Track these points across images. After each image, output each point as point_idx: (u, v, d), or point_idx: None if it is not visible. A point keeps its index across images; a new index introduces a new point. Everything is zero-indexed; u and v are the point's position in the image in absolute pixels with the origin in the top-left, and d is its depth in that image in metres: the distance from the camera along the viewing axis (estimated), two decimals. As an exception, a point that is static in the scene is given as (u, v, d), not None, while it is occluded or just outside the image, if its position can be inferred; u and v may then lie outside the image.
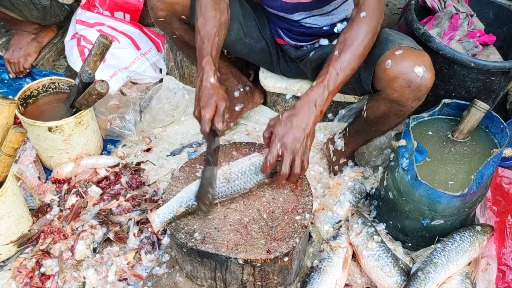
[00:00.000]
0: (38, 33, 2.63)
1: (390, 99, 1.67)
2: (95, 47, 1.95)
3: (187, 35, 2.00)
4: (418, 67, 1.58)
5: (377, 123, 1.84)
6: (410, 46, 1.67)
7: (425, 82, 1.60)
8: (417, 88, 1.61)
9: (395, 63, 1.60)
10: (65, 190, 2.05)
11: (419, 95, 1.64)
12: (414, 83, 1.59)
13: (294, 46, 2.00)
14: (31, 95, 2.11)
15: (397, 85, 1.62)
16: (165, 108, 2.38)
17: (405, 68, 1.59)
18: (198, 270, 1.58)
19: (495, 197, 1.97)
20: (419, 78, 1.58)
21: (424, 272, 1.69)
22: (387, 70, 1.61)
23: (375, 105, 1.77)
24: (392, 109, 1.73)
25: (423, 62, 1.59)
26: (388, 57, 1.61)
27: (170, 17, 1.93)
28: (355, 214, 1.88)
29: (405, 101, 1.66)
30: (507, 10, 2.14)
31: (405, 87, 1.61)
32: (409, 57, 1.60)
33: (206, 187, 1.54)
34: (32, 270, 1.76)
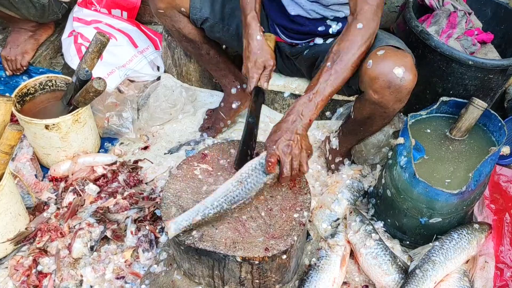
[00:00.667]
0: (35, 31, 2.62)
1: (372, 101, 1.66)
2: (92, 44, 1.95)
3: (186, 28, 2.00)
4: (398, 68, 1.56)
5: (364, 123, 1.84)
6: (395, 46, 1.64)
7: (405, 84, 1.57)
8: (397, 90, 1.58)
9: (376, 63, 1.58)
10: (62, 188, 2.04)
11: (399, 97, 1.62)
12: (393, 84, 1.57)
13: (290, 44, 2.00)
14: (28, 93, 2.10)
15: (377, 86, 1.60)
16: (163, 106, 2.37)
17: (385, 68, 1.57)
18: (196, 268, 1.58)
19: (493, 195, 1.97)
20: (399, 79, 1.56)
21: (422, 270, 1.69)
22: (368, 70, 1.59)
23: (360, 106, 1.77)
24: (375, 111, 1.72)
25: (404, 63, 1.57)
26: (369, 58, 1.60)
27: (170, 9, 1.93)
28: (353, 212, 1.88)
29: (386, 102, 1.64)
30: (505, 8, 2.15)
31: (385, 88, 1.59)
32: (389, 58, 1.57)
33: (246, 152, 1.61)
34: (29, 268, 1.76)
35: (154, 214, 1.91)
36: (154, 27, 2.88)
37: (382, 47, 1.62)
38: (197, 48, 2.12)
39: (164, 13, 1.97)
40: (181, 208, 1.58)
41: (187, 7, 1.92)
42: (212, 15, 1.95)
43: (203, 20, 1.96)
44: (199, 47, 2.11)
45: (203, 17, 1.95)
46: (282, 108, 2.40)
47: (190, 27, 2.01)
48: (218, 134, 2.33)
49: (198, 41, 2.08)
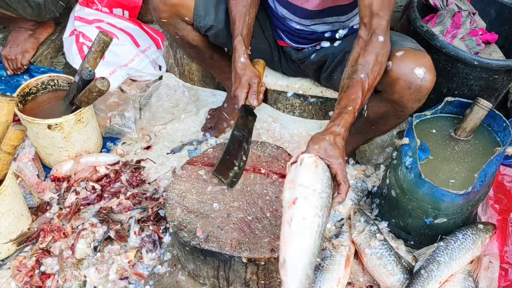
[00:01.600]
0: (35, 30, 2.60)
1: (391, 100, 1.66)
2: (95, 43, 1.93)
3: (190, 35, 1.99)
4: (418, 68, 1.57)
5: (377, 123, 1.84)
6: (411, 47, 1.66)
7: (426, 84, 1.59)
8: (418, 90, 1.60)
9: (396, 64, 1.59)
10: (64, 188, 2.03)
11: (419, 97, 1.63)
12: (414, 84, 1.58)
13: (296, 48, 1.99)
14: (30, 92, 2.08)
15: (397, 87, 1.61)
16: (165, 105, 2.36)
17: (406, 69, 1.58)
18: (201, 269, 1.57)
19: (497, 195, 1.97)
20: (420, 79, 1.57)
21: (427, 270, 1.69)
22: (388, 71, 1.59)
23: (375, 105, 1.76)
24: (392, 110, 1.72)
25: (424, 63, 1.58)
26: (389, 58, 1.59)
27: (173, 18, 1.92)
28: (357, 212, 1.88)
29: (405, 102, 1.65)
30: (509, 9, 2.14)
31: (405, 88, 1.60)
32: (409, 58, 1.58)
33: (229, 161, 1.62)
34: (32, 269, 1.74)
35: (157, 214, 1.90)
36: (156, 26, 2.87)
37: (400, 48, 1.62)
38: (201, 53, 2.11)
39: (168, 22, 1.95)
40: (186, 209, 1.57)
41: (190, 16, 1.91)
42: (217, 23, 1.93)
43: (207, 28, 1.95)
44: (202, 52, 2.10)
45: (208, 25, 1.94)
46: (285, 108, 2.39)
47: (194, 34, 2.00)
48: (221, 134, 2.32)
49: (201, 47, 2.06)
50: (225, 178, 1.62)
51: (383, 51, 1.50)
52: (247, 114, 1.71)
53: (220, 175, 1.62)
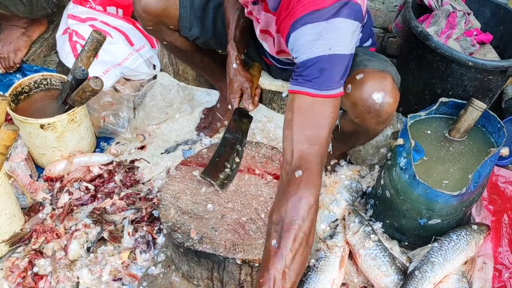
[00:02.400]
0: (28, 27, 2.58)
1: (354, 122, 1.64)
2: (88, 42, 1.92)
3: (178, 41, 1.97)
4: (377, 93, 1.50)
5: (351, 136, 1.83)
6: (375, 67, 1.58)
7: (385, 108, 1.53)
8: (377, 114, 1.55)
9: (354, 88, 1.53)
10: (57, 189, 2.01)
11: (381, 120, 1.58)
12: (373, 109, 1.53)
13: (280, 68, 1.99)
14: (22, 91, 2.06)
15: (357, 111, 1.57)
16: (159, 105, 2.35)
17: (364, 94, 1.51)
18: (195, 270, 1.56)
19: (491, 196, 1.97)
20: (378, 104, 1.51)
21: (421, 271, 1.69)
22: (348, 95, 1.54)
23: (345, 123, 1.74)
24: (359, 129, 1.70)
25: (384, 86, 1.51)
26: (348, 82, 1.53)
27: (158, 26, 1.90)
28: (352, 213, 1.87)
29: (368, 125, 1.62)
30: (503, 9, 2.15)
31: (365, 113, 1.55)
32: (368, 82, 1.52)
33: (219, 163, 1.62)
34: (24, 270, 1.73)
35: (151, 215, 1.89)
36: (150, 25, 2.85)
37: (361, 70, 1.56)
38: (190, 57, 2.10)
39: (153, 30, 1.94)
40: (180, 210, 1.56)
41: (175, 24, 1.89)
42: (203, 33, 1.91)
43: (194, 38, 1.93)
44: (192, 57, 2.09)
45: (194, 35, 1.92)
46: (280, 108, 2.38)
47: (182, 40, 1.97)
48: (215, 134, 2.32)
49: (190, 51, 2.04)
50: (215, 180, 1.61)
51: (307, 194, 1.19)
52: (242, 116, 1.71)
53: (209, 177, 1.60)
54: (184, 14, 1.87)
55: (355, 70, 1.56)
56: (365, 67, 1.57)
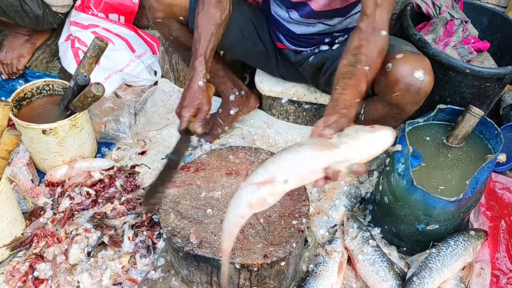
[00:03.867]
0: (31, 35, 2.61)
1: (389, 102, 1.69)
2: (90, 49, 1.94)
3: (184, 37, 2.00)
4: (418, 71, 1.59)
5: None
6: (410, 50, 1.68)
7: (424, 86, 1.61)
8: (416, 92, 1.62)
9: (396, 66, 1.61)
10: (58, 193, 2.03)
11: (417, 99, 1.65)
12: (413, 86, 1.61)
13: (294, 50, 2.01)
14: (25, 97, 2.08)
15: (397, 88, 1.63)
16: (160, 111, 2.37)
17: (406, 71, 1.60)
18: (194, 275, 1.57)
19: (489, 202, 1.99)
20: (419, 82, 1.60)
21: (419, 277, 1.70)
22: (388, 74, 1.62)
23: (373, 108, 1.78)
24: (390, 113, 1.74)
25: (423, 66, 1.61)
26: (389, 61, 1.62)
27: (168, 18, 1.93)
28: (350, 219, 1.88)
29: (403, 104, 1.67)
30: (501, 17, 2.17)
31: (404, 90, 1.62)
32: (409, 61, 1.61)
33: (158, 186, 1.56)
34: (25, 274, 1.74)
35: (151, 220, 1.91)
36: (151, 31, 2.88)
37: (400, 51, 1.65)
38: None
39: (162, 22, 1.96)
40: (179, 215, 1.58)
41: (185, 15, 1.92)
42: None
43: None
44: None
45: None
46: (279, 114, 2.40)
47: (188, 36, 2.00)
48: (216, 139, 2.33)
49: None
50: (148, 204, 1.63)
51: (385, 47, 1.48)
52: (186, 139, 1.65)
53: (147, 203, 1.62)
54: (194, 4, 1.88)
55: (394, 52, 1.63)
56: (401, 49, 1.65)
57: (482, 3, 2.38)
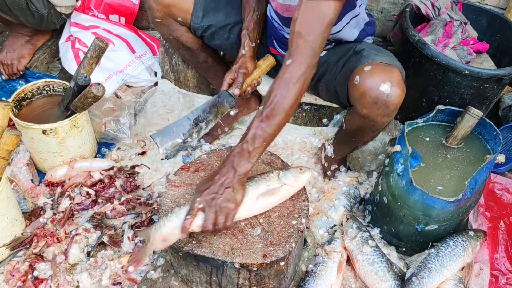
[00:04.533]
0: (32, 36, 2.61)
1: (361, 114, 1.68)
2: (91, 50, 1.95)
3: (184, 37, 2.01)
4: (384, 84, 1.56)
5: (356, 134, 1.87)
6: (383, 61, 1.64)
7: (392, 99, 1.58)
8: (384, 105, 1.60)
9: (363, 79, 1.59)
10: (58, 193, 2.03)
11: (387, 112, 1.63)
12: (380, 100, 1.58)
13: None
14: (25, 97, 2.09)
15: (365, 102, 1.62)
16: (160, 111, 2.38)
17: (372, 84, 1.58)
18: (193, 274, 1.58)
19: (488, 203, 1.99)
20: (385, 95, 1.57)
21: (418, 277, 1.70)
22: (356, 86, 1.61)
23: (350, 118, 1.79)
24: (365, 124, 1.74)
25: (391, 78, 1.58)
26: (357, 73, 1.61)
27: (167, 18, 1.94)
28: (350, 219, 1.89)
29: (374, 117, 1.66)
30: (499, 18, 2.18)
31: (372, 103, 1.61)
32: (376, 73, 1.58)
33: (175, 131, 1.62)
34: (25, 274, 1.74)
35: (151, 220, 1.91)
36: (151, 32, 2.89)
37: (369, 62, 1.62)
38: (195, 56, 2.13)
39: (161, 22, 1.98)
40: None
41: (183, 16, 1.93)
42: (215, 22, 1.96)
43: (204, 28, 1.97)
44: (196, 55, 2.12)
45: (205, 25, 1.96)
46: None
47: (188, 36, 2.02)
48: (215, 140, 2.34)
49: (196, 49, 2.09)
50: (161, 144, 1.60)
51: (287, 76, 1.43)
52: (224, 100, 1.70)
53: (157, 140, 1.59)
54: (199, 4, 1.94)
55: (363, 63, 1.62)
56: (372, 60, 1.64)
57: (481, 4, 2.39)
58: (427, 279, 1.70)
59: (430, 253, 1.76)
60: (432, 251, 1.77)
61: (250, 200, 1.51)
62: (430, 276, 1.70)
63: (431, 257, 1.75)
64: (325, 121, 2.35)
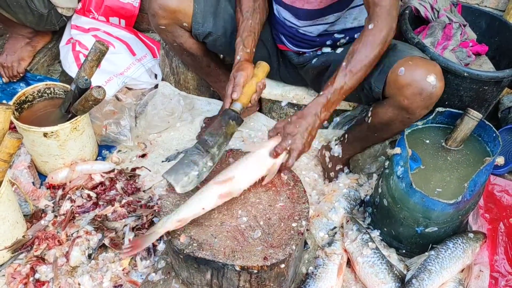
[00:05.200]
0: (32, 37, 2.62)
1: (400, 106, 1.71)
2: (91, 52, 1.95)
3: (187, 43, 2.01)
4: (430, 76, 1.63)
5: (381, 130, 1.87)
6: (421, 56, 1.73)
7: (436, 91, 1.64)
8: (428, 96, 1.65)
9: (409, 70, 1.64)
10: (59, 196, 2.04)
11: (428, 103, 1.68)
12: (425, 91, 1.64)
13: (296, 52, 2.02)
14: (26, 100, 2.10)
15: (408, 92, 1.65)
16: (161, 114, 2.38)
17: (418, 76, 1.63)
18: (194, 277, 1.58)
19: (488, 205, 2.00)
20: (431, 86, 1.63)
21: (418, 279, 1.71)
22: (400, 77, 1.65)
23: (382, 111, 1.79)
24: (398, 116, 1.76)
25: (435, 71, 1.65)
26: (401, 65, 1.66)
27: (172, 24, 1.95)
28: (350, 221, 1.89)
29: (414, 108, 1.69)
30: (499, 21, 2.18)
31: (416, 94, 1.65)
32: (422, 66, 1.65)
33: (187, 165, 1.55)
34: (26, 276, 1.75)
35: (152, 222, 1.91)
36: (152, 35, 2.90)
37: (411, 56, 1.69)
38: (198, 62, 2.14)
39: (166, 29, 1.98)
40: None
41: (188, 21, 1.94)
42: (215, 29, 1.97)
43: (205, 34, 1.98)
44: (199, 61, 2.13)
45: (206, 31, 1.97)
46: (279, 117, 2.41)
47: (191, 42, 2.03)
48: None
49: (199, 55, 2.09)
50: (177, 182, 1.52)
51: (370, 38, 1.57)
52: (230, 118, 1.63)
53: (171, 178, 1.52)
54: (198, 10, 1.94)
55: (405, 56, 1.68)
56: (411, 54, 1.71)
57: (480, 6, 2.39)
58: (427, 281, 1.70)
59: (430, 255, 1.77)
60: (432, 253, 1.77)
61: None
62: (430, 278, 1.71)
63: (431, 259, 1.76)
64: (325, 123, 2.36)
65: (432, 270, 1.72)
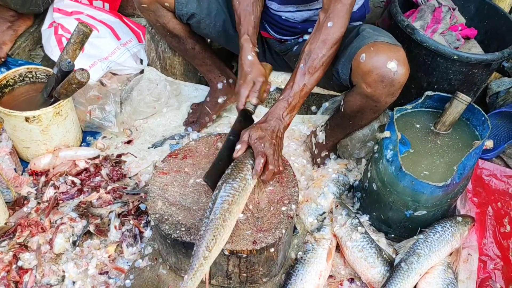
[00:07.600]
0: (14, 21, 2.54)
1: (365, 94, 1.67)
2: (74, 35, 1.90)
3: (170, 23, 1.97)
4: (391, 62, 1.57)
5: (354, 117, 1.85)
6: (387, 41, 1.66)
7: (398, 77, 1.59)
8: (390, 83, 1.60)
9: (369, 57, 1.60)
10: (42, 183, 1.99)
11: (392, 90, 1.63)
12: (386, 77, 1.59)
13: (279, 40, 1.99)
14: (7, 85, 2.04)
15: (370, 80, 1.61)
16: (146, 99, 2.33)
17: (378, 62, 1.58)
18: (182, 262, 1.56)
19: (476, 189, 2.00)
20: (392, 72, 1.58)
21: (407, 263, 1.70)
22: (361, 64, 1.61)
23: (351, 99, 1.77)
24: (367, 104, 1.73)
25: (397, 57, 1.59)
26: (362, 51, 1.62)
27: (154, 3, 1.90)
28: (339, 206, 1.88)
29: (378, 96, 1.66)
30: (488, 5, 2.18)
31: (378, 81, 1.60)
32: (382, 52, 1.59)
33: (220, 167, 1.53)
34: (9, 264, 1.70)
35: (138, 209, 1.88)
36: (137, 19, 2.84)
37: (375, 42, 1.63)
38: (182, 43, 2.09)
39: (148, 8, 1.94)
40: (167, 202, 1.56)
41: (171, 2, 1.90)
42: (199, 11, 1.93)
43: (189, 15, 1.93)
44: (184, 42, 2.08)
45: (189, 12, 1.93)
46: (267, 102, 2.39)
47: (175, 22, 1.98)
48: (203, 128, 2.31)
49: (183, 36, 2.05)
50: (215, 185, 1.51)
51: (329, 37, 1.57)
52: (246, 119, 1.65)
53: (210, 181, 1.53)
54: None
55: (368, 43, 1.64)
56: (376, 40, 1.65)
57: (469, -9, 2.39)
58: (416, 264, 1.70)
59: (419, 239, 1.76)
60: (420, 237, 1.77)
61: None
62: (418, 262, 1.71)
63: (419, 242, 1.75)
64: (314, 108, 2.34)
65: (421, 254, 1.72)
